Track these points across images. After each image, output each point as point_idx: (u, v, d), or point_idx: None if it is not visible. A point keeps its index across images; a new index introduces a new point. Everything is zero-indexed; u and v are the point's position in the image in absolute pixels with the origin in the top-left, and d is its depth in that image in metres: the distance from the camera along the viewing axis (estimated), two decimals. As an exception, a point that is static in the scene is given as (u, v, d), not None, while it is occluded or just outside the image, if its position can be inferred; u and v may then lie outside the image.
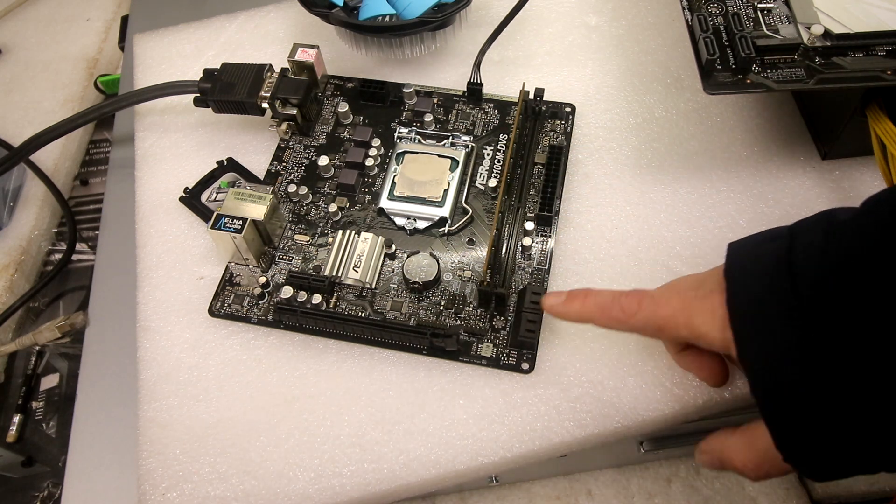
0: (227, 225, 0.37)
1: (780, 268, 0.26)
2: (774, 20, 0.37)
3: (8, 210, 0.52)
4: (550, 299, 0.34)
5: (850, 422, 0.25)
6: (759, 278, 0.27)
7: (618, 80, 0.46)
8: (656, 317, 0.31)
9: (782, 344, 0.26)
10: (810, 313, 0.25)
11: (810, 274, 0.26)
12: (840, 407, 0.25)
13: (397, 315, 0.38)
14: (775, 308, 0.26)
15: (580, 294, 0.33)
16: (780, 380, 0.26)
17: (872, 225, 0.25)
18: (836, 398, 0.25)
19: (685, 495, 0.40)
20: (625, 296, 0.32)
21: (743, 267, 0.29)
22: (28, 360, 0.49)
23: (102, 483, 0.39)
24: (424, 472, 0.35)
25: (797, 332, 0.25)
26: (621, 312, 0.31)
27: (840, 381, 0.25)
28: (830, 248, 0.25)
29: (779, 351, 0.26)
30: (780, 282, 0.26)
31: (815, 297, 0.25)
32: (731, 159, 0.42)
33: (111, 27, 0.63)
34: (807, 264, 0.26)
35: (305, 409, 0.37)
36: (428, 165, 0.42)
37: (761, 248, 0.29)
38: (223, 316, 0.40)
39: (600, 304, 0.32)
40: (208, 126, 0.48)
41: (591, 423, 0.35)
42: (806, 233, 0.27)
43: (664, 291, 0.31)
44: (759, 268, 0.28)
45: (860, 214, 0.26)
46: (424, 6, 0.44)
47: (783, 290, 0.26)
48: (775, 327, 0.26)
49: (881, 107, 0.36)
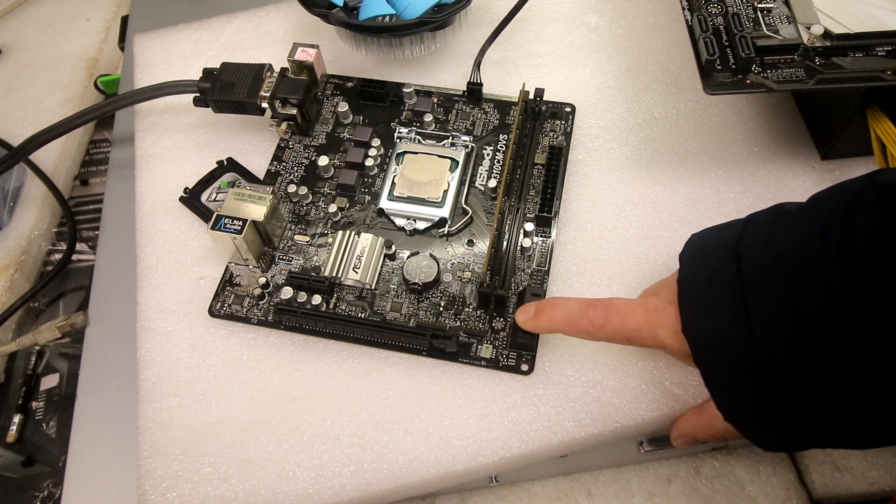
0: (227, 225, 0.37)
1: (728, 253, 0.28)
2: (774, 20, 0.37)
3: (8, 210, 0.52)
4: (520, 316, 0.36)
5: (784, 397, 0.27)
6: (708, 262, 0.30)
7: (618, 80, 0.46)
8: (623, 329, 0.32)
9: (722, 322, 0.28)
10: (750, 294, 0.27)
11: (754, 260, 0.28)
12: (776, 385, 0.27)
13: (397, 316, 0.38)
14: (719, 289, 0.28)
15: (547, 307, 0.34)
16: (721, 357, 0.28)
17: (811, 220, 0.27)
18: (772, 377, 0.27)
19: (685, 495, 0.40)
20: (592, 307, 0.32)
21: (697, 252, 0.31)
22: (28, 360, 0.49)
23: (102, 483, 0.39)
24: (424, 472, 0.35)
25: (738, 313, 0.27)
26: (589, 324, 0.32)
27: (774, 362, 0.26)
28: (774, 238, 0.28)
29: (717, 328, 0.28)
30: (727, 265, 0.28)
31: (756, 280, 0.27)
32: (731, 159, 0.42)
33: (111, 27, 0.63)
34: (752, 251, 0.28)
35: (305, 409, 0.37)
36: (428, 166, 0.42)
37: (716, 235, 0.31)
38: (223, 316, 0.40)
39: (568, 316, 0.33)
40: (208, 126, 0.48)
41: (590, 423, 0.35)
42: (756, 222, 0.29)
43: (629, 303, 0.32)
44: (710, 253, 0.30)
45: (803, 208, 0.28)
46: (424, 6, 0.44)
47: (728, 273, 0.28)
48: (717, 305, 0.28)
49: (881, 107, 0.36)
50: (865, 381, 0.25)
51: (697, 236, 0.32)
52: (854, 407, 0.26)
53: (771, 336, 0.26)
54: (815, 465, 0.41)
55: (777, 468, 0.41)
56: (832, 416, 0.26)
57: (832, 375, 0.25)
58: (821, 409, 0.26)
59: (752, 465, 0.41)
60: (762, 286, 0.27)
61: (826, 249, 0.25)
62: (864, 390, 0.25)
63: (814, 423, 0.27)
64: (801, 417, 0.27)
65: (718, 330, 0.28)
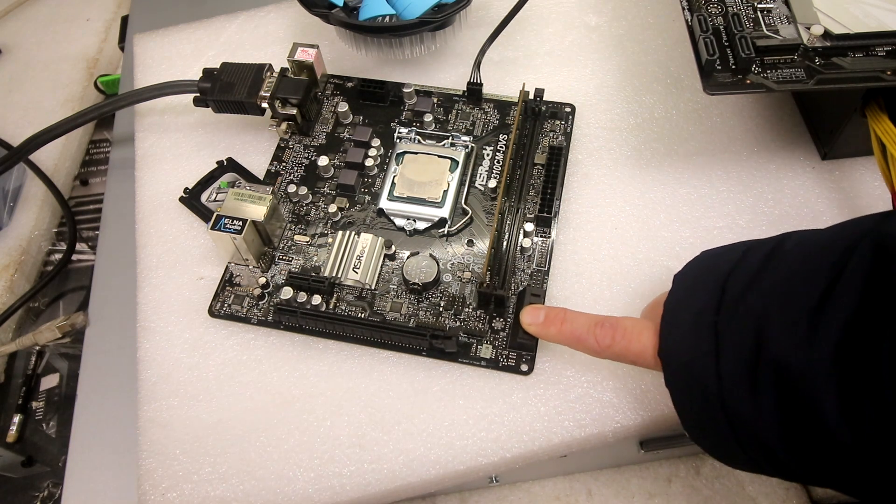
0: (227, 226, 0.37)
1: (716, 283, 0.29)
2: (774, 20, 0.37)
3: (8, 210, 0.52)
4: (528, 317, 0.35)
5: (746, 439, 0.27)
6: (696, 290, 0.30)
7: (618, 80, 0.46)
8: (629, 352, 0.32)
9: (695, 352, 0.28)
10: (723, 328, 0.27)
11: (736, 294, 0.28)
12: (737, 425, 0.27)
13: (397, 316, 0.38)
14: (698, 318, 0.28)
15: (557, 319, 0.34)
16: (690, 386, 0.28)
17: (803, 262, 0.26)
18: (732, 417, 0.26)
19: (685, 495, 0.40)
20: (600, 327, 0.33)
21: (690, 276, 0.31)
22: (28, 360, 0.49)
23: (102, 483, 0.39)
24: (424, 472, 0.35)
25: (710, 344, 0.27)
26: (596, 344, 0.32)
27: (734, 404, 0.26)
28: (763, 275, 0.27)
29: (689, 357, 0.28)
30: (712, 296, 0.28)
31: (732, 315, 0.27)
32: (731, 159, 0.42)
33: (111, 27, 0.63)
34: (736, 285, 0.28)
35: (305, 409, 0.37)
36: (428, 166, 0.42)
37: (717, 259, 0.31)
38: (223, 316, 0.40)
39: (575, 334, 0.33)
40: (208, 126, 0.48)
41: (590, 423, 0.35)
42: (754, 253, 0.29)
43: (636, 324, 0.32)
44: (700, 280, 0.30)
45: (800, 248, 0.28)
46: (424, 6, 0.44)
47: (710, 304, 0.28)
48: (693, 334, 0.28)
49: (881, 107, 0.36)
50: (814, 437, 0.24)
51: (704, 255, 0.32)
52: (809, 452, 0.25)
53: (732, 374, 0.26)
54: (815, 465, 0.41)
55: (777, 468, 0.41)
56: (787, 459, 0.26)
57: (788, 423, 0.25)
58: (777, 454, 0.26)
59: (752, 465, 0.41)
60: (735, 322, 0.27)
61: (807, 297, 0.25)
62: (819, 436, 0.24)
63: (772, 462, 0.27)
64: (760, 456, 0.27)
65: (691, 358, 0.28)
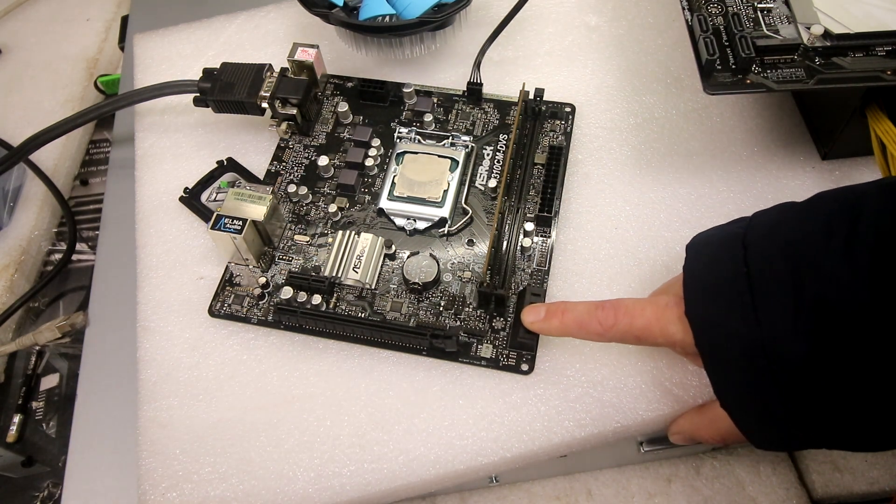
0: (227, 225, 0.37)
1: (735, 241, 0.29)
2: (774, 20, 0.37)
3: (8, 210, 0.52)
4: (529, 316, 0.35)
5: (785, 385, 0.26)
6: (715, 250, 0.30)
7: (618, 80, 0.46)
8: (633, 328, 0.32)
9: (726, 306, 0.28)
10: (756, 279, 0.27)
11: (760, 247, 0.28)
12: (777, 372, 0.26)
13: (397, 316, 0.38)
14: (724, 274, 0.28)
15: (558, 311, 0.34)
16: (723, 342, 0.28)
17: (815, 214, 0.27)
18: (774, 363, 0.26)
19: (685, 495, 0.40)
20: (601, 309, 0.33)
21: (703, 241, 0.31)
22: (28, 360, 0.49)
23: (102, 483, 0.39)
24: (424, 472, 0.35)
25: (743, 297, 0.27)
26: (599, 326, 0.32)
27: (776, 347, 0.26)
28: (780, 229, 0.28)
29: (721, 312, 0.28)
30: (734, 252, 0.28)
31: (762, 266, 0.27)
32: (731, 159, 0.42)
33: (111, 27, 0.63)
34: (758, 240, 0.28)
35: (305, 409, 0.37)
36: (428, 166, 0.42)
37: (722, 228, 0.31)
38: (223, 316, 0.40)
39: (578, 319, 0.33)
40: (208, 126, 0.48)
41: (590, 423, 0.35)
42: (762, 215, 0.30)
43: (637, 302, 0.32)
44: (717, 242, 0.30)
45: (808, 203, 0.28)
46: (424, 6, 0.44)
47: (735, 259, 0.28)
48: (721, 290, 0.28)
49: (881, 107, 0.36)
50: (869, 377, 0.25)
51: (703, 233, 0.32)
52: (856, 404, 0.25)
53: (774, 320, 0.26)
54: (815, 465, 0.41)
55: (777, 468, 0.41)
56: (833, 412, 0.26)
57: (835, 367, 0.25)
58: (821, 403, 0.26)
59: (752, 465, 0.41)
60: (768, 272, 0.27)
61: (831, 242, 0.25)
62: (867, 386, 0.25)
63: (813, 417, 0.27)
64: (800, 409, 0.27)
65: (722, 313, 0.28)
